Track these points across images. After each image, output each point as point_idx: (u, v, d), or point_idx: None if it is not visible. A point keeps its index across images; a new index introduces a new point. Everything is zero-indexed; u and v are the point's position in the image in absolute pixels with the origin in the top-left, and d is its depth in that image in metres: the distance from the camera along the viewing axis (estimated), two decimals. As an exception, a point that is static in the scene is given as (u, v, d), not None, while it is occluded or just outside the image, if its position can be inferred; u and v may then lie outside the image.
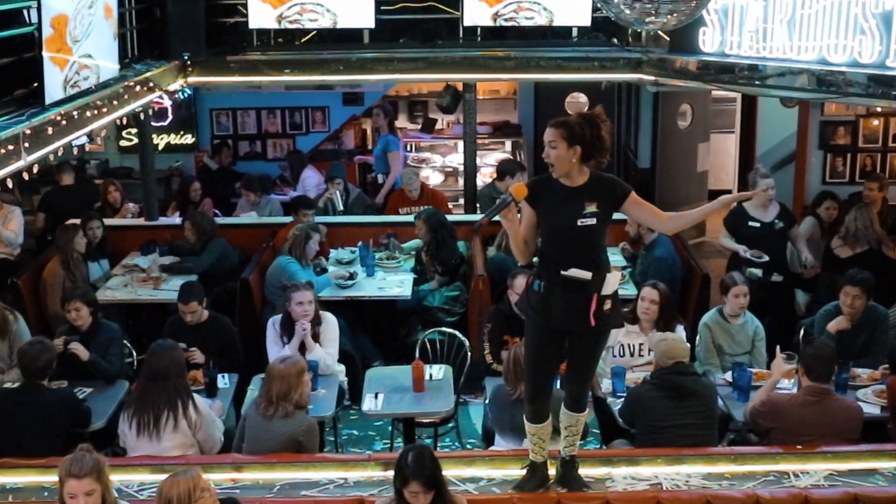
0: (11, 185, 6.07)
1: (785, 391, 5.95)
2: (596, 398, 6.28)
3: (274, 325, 6.84)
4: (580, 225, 4.43)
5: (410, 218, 9.06)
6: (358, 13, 9.09)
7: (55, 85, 6.29)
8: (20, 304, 7.67)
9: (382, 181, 11.22)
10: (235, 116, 12.72)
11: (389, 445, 7.07)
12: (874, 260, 7.99)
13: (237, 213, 10.35)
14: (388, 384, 6.50)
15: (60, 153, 6.50)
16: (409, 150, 12.41)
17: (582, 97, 12.27)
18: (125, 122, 8.20)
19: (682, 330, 6.57)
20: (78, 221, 8.54)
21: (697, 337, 6.82)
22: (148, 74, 8.00)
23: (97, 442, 5.58)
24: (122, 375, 6.63)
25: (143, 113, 8.71)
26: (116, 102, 7.26)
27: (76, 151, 10.58)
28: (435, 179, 12.03)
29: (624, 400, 5.91)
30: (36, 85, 6.14)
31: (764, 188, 7.99)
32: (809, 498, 4.78)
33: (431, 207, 9.05)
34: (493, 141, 12.42)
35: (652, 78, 8.80)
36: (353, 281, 8.28)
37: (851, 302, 6.58)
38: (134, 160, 11.06)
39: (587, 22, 9.16)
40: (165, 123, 11.75)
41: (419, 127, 12.98)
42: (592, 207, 4.44)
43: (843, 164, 10.39)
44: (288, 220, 9.18)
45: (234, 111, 12.69)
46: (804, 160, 10.23)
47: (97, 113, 6.86)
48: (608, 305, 4.52)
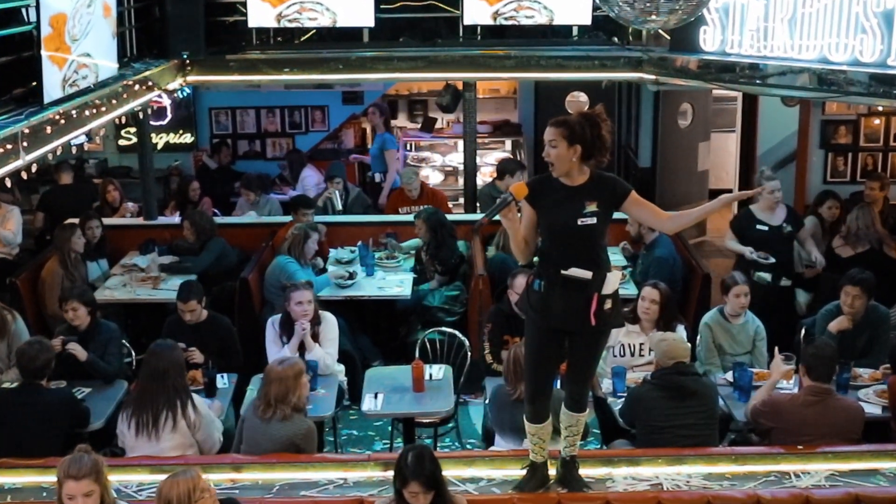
0: (10, 184, 6.04)
1: (786, 391, 5.94)
2: (596, 398, 6.27)
3: (273, 324, 6.83)
4: (580, 224, 4.42)
5: (410, 217, 9.04)
6: (357, 12, 9.08)
7: (54, 84, 6.27)
8: (19, 303, 7.65)
9: (380, 180, 11.20)
10: (234, 115, 12.70)
11: (389, 446, 7.05)
12: (876, 260, 7.98)
13: (236, 212, 10.33)
14: (387, 384, 6.49)
15: (59, 152, 6.48)
16: (408, 149, 12.39)
17: (582, 96, 12.26)
18: (124, 121, 8.16)
19: (682, 330, 6.56)
20: (77, 221, 8.51)
21: (698, 337, 6.81)
22: (147, 73, 7.98)
23: (96, 442, 5.59)
24: (120, 375, 6.61)
25: (142, 112, 8.70)
26: (115, 101, 7.25)
27: (75, 151, 10.56)
28: (435, 179, 12.01)
29: (624, 400, 5.90)
30: (34, 84, 6.12)
31: (770, 191, 7.86)
32: (811, 498, 4.77)
33: (431, 207, 9.02)
34: (493, 140, 12.40)
35: (652, 77, 8.77)
36: (352, 281, 8.26)
37: (852, 302, 6.57)
38: (133, 159, 11.04)
39: (587, 21, 9.16)
40: (164, 122, 11.75)
41: (419, 126, 12.96)
42: (593, 207, 4.43)
43: (844, 163, 10.36)
44: (287, 219, 9.17)
45: (233, 110, 12.68)
46: (805, 159, 10.20)
47: (96, 112, 6.84)
48: (608, 305, 4.51)
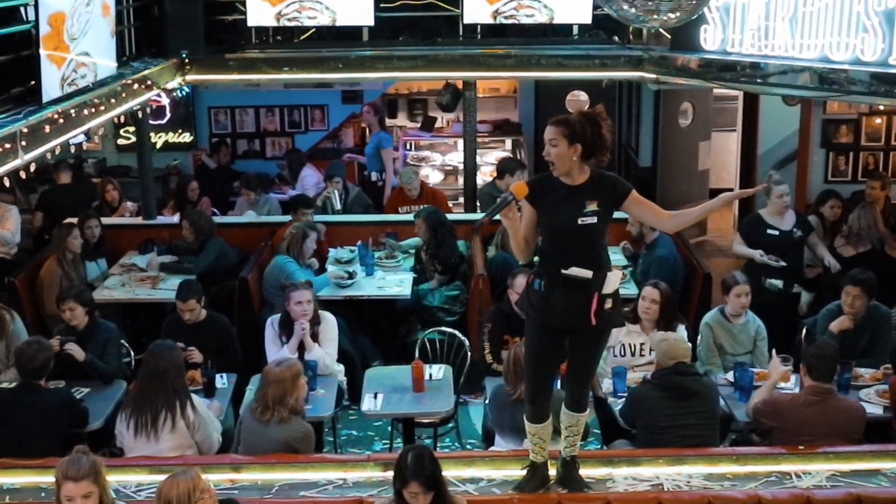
0: (9, 183, 6.03)
1: (787, 391, 5.93)
2: (597, 398, 6.25)
3: (273, 324, 6.81)
4: (581, 223, 4.40)
5: (410, 217, 9.02)
6: (357, 11, 9.06)
7: (52, 83, 6.25)
8: (17, 303, 7.64)
9: (376, 179, 11.17)
10: (234, 115, 12.68)
11: (389, 446, 7.03)
12: (878, 259, 7.97)
13: (235, 211, 10.31)
14: (387, 384, 6.47)
15: (58, 152, 6.47)
16: (408, 148, 12.37)
17: (583, 95, 12.25)
18: (123, 120, 8.15)
19: (683, 329, 6.54)
20: (75, 220, 8.50)
21: (699, 337, 6.79)
22: (146, 72, 7.97)
23: (94, 442, 5.58)
24: (119, 375, 6.59)
25: (140, 111, 8.68)
26: (114, 101, 7.23)
27: (73, 150, 10.53)
28: (435, 178, 11.99)
29: (625, 400, 5.89)
30: (33, 83, 6.11)
31: (779, 195, 7.75)
32: (812, 499, 4.75)
33: (431, 206, 9.00)
34: (493, 139, 12.37)
35: (653, 76, 8.76)
36: (352, 280, 8.25)
37: (852, 302, 6.55)
38: (132, 159, 11.01)
39: (588, 19, 9.14)
40: (163, 122, 11.72)
41: (419, 125, 12.93)
42: (593, 206, 4.41)
43: (845, 162, 10.34)
44: (287, 219, 9.14)
45: (232, 109, 12.65)
46: (806, 159, 10.18)
47: (95, 111, 6.82)
48: (609, 304, 4.49)
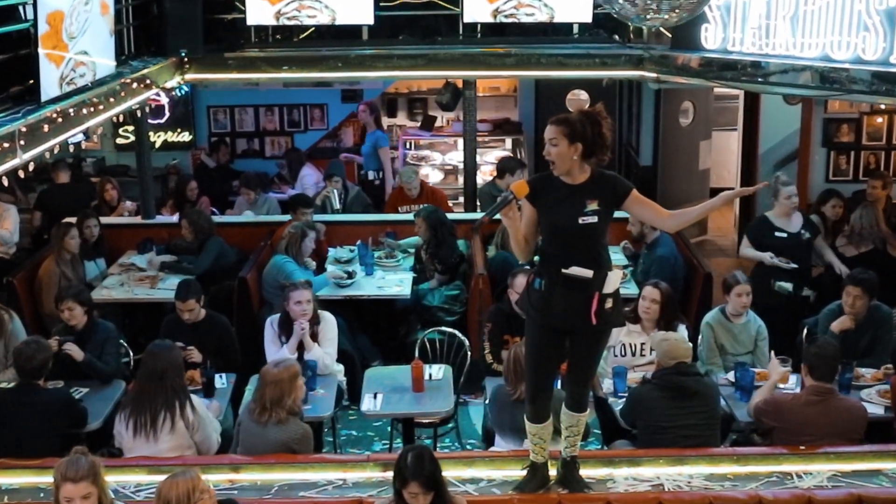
0: (8, 183, 6.02)
1: (787, 391, 5.91)
2: (597, 398, 6.24)
3: (272, 324, 6.80)
4: (581, 223, 4.39)
5: (410, 216, 9.01)
6: (357, 9, 9.05)
7: (51, 82, 6.24)
8: (16, 303, 7.63)
9: (373, 178, 11.15)
10: (233, 114, 12.67)
11: (388, 446, 7.01)
12: (879, 259, 7.96)
13: (235, 211, 10.29)
14: (387, 384, 6.45)
15: (56, 151, 6.47)
16: (408, 147, 12.35)
17: (583, 94, 12.23)
18: (122, 119, 8.15)
19: (683, 329, 6.53)
20: (74, 220, 8.48)
21: (699, 336, 6.77)
22: (145, 71, 7.95)
23: (93, 442, 5.58)
24: (118, 375, 6.57)
25: (139, 110, 8.66)
26: (113, 100, 7.22)
27: (72, 149, 10.54)
28: (434, 177, 11.97)
29: (625, 400, 5.87)
30: (31, 82, 6.09)
31: (787, 196, 7.65)
32: (813, 499, 4.74)
33: (431, 205, 8.98)
34: (493, 138, 12.35)
35: (654, 75, 8.75)
36: (351, 280, 8.23)
37: (853, 302, 6.53)
38: (130, 158, 11.00)
39: (588, 18, 9.14)
40: (162, 121, 11.72)
41: (419, 124, 12.91)
42: (594, 205, 4.40)
43: (846, 161, 10.33)
44: (286, 218, 9.12)
45: (231, 108, 12.64)
46: (807, 158, 10.17)
47: (93, 110, 6.81)
48: (609, 304, 4.47)
